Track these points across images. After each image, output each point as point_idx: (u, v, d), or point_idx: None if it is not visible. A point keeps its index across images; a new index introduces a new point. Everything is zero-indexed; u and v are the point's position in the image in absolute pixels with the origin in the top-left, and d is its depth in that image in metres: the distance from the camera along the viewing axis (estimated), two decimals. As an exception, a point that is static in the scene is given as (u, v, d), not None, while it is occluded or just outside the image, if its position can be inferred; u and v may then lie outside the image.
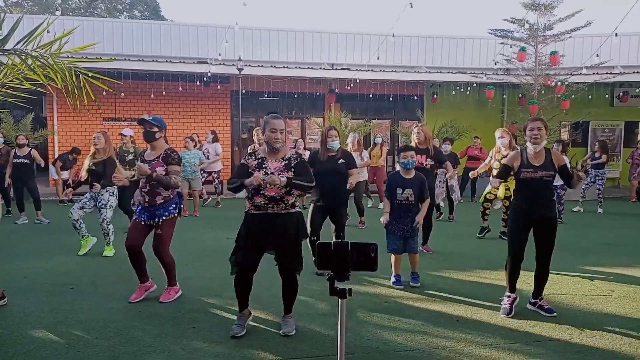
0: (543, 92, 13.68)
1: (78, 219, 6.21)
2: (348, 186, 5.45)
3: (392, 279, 5.11)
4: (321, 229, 5.51)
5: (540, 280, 4.34)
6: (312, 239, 5.39)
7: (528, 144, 4.28)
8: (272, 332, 3.88)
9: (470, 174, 8.32)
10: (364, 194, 10.09)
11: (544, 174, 4.16)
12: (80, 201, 6.27)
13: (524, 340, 3.76)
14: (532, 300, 4.42)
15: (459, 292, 4.90)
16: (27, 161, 8.93)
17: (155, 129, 4.47)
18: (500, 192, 7.24)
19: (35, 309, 4.32)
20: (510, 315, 4.20)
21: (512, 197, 4.47)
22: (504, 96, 16.09)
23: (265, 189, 3.64)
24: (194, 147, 10.11)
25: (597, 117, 15.39)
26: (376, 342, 3.71)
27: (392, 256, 5.06)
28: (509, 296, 4.34)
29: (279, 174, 3.65)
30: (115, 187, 6.24)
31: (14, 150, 9.15)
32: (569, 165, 4.66)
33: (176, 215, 4.56)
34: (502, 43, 14.27)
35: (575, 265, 5.99)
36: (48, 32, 3.50)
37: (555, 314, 4.23)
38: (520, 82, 14.09)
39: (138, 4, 32.45)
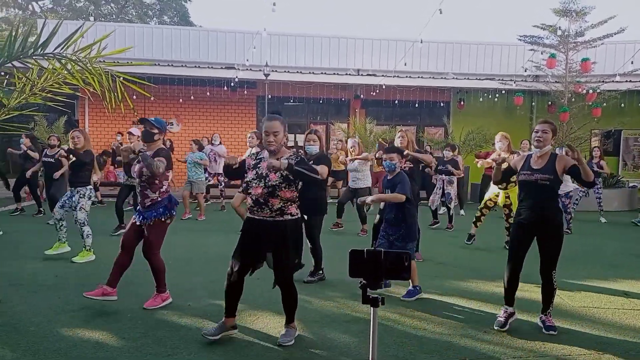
0: (573, 99, 13.43)
1: (60, 219, 6.21)
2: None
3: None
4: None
5: (544, 295, 4.13)
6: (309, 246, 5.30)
7: (532, 146, 4.17)
8: (300, 338, 3.86)
9: (477, 161, 8.19)
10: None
11: (539, 177, 3.97)
12: (60, 199, 6.30)
13: (554, 354, 3.67)
14: (539, 315, 4.22)
15: (485, 302, 4.82)
16: (54, 161, 9.20)
17: (155, 131, 4.48)
18: (500, 199, 7.06)
19: (66, 307, 4.42)
20: (504, 329, 4.02)
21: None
22: (533, 103, 15.85)
23: (252, 189, 3.60)
24: (198, 149, 10.12)
25: (630, 125, 15.03)
26: (402, 351, 3.67)
27: None
28: (505, 310, 4.16)
29: (266, 173, 3.54)
30: (88, 188, 6.19)
31: (45, 150, 9.47)
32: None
33: (165, 220, 4.45)
34: (531, 49, 14.06)
35: (607, 277, 5.83)
36: (82, 37, 3.59)
37: (555, 333, 4.00)
38: (550, 90, 13.86)
39: (168, 9, 33.09)
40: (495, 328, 4.04)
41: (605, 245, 8.01)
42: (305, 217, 5.22)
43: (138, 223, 4.47)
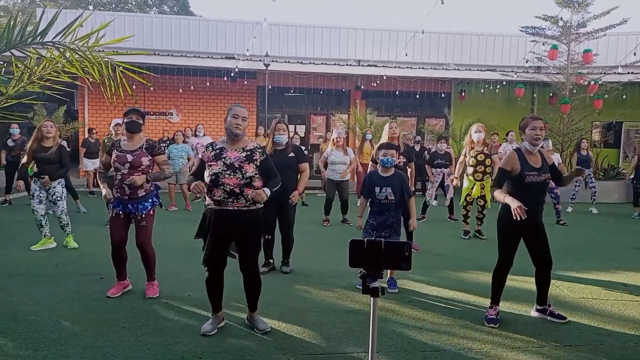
0: (575, 91, 13.38)
1: (44, 214, 6.13)
2: (293, 198, 5.27)
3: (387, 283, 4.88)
4: (275, 226, 5.39)
5: (546, 285, 4.13)
6: (267, 237, 5.18)
7: (525, 143, 3.96)
8: (299, 328, 3.87)
9: (450, 180, 8.30)
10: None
11: (546, 177, 3.93)
12: (34, 197, 6.08)
13: (553, 344, 3.68)
14: (540, 307, 4.21)
15: (484, 294, 4.82)
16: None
17: (142, 121, 4.45)
18: (475, 191, 7.15)
19: (65, 297, 4.43)
20: (497, 326, 3.98)
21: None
22: (534, 95, 15.79)
23: (223, 179, 3.52)
24: (182, 141, 10.09)
25: (631, 117, 14.99)
26: (401, 341, 3.68)
27: None
28: (494, 307, 4.10)
29: (239, 165, 3.55)
30: (62, 179, 6.17)
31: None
32: (557, 163, 4.46)
33: (155, 207, 4.55)
34: (533, 41, 13.99)
35: (606, 269, 5.84)
36: (81, 26, 3.56)
37: (567, 320, 4.09)
38: (551, 81, 13.80)
39: (167, -1, 32.86)
40: (489, 325, 3.98)
41: (605, 237, 8.01)
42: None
43: (122, 215, 4.41)
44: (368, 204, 4.83)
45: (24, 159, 6.15)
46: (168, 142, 12.57)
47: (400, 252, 1.75)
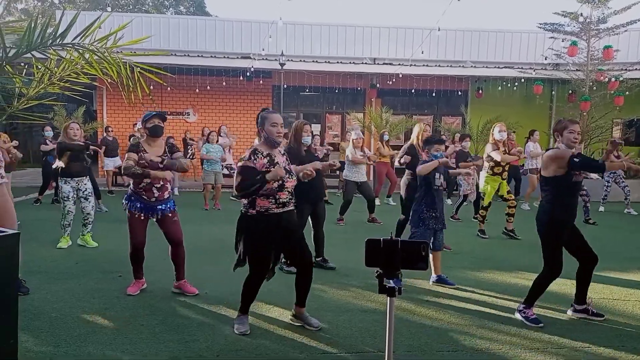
0: (595, 88, 13.15)
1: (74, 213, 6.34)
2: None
3: (434, 278, 5.04)
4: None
5: (588, 284, 4.15)
6: None
7: (562, 145, 4.00)
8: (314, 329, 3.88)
9: (461, 168, 8.24)
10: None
11: (583, 177, 4.09)
12: (69, 198, 6.24)
13: (571, 346, 3.63)
14: (580, 307, 4.19)
15: (503, 294, 4.78)
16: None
17: (163, 125, 4.55)
18: (502, 189, 7.29)
19: (86, 294, 4.50)
20: (542, 325, 3.96)
21: (550, 205, 3.96)
22: (553, 92, 15.54)
23: (286, 182, 3.62)
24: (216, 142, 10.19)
25: (653, 115, 14.67)
26: (417, 341, 3.67)
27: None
28: (531, 308, 4.07)
29: (290, 168, 3.76)
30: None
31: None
32: None
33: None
34: (552, 37, 13.78)
35: (626, 270, 5.74)
36: (100, 28, 3.61)
37: (605, 317, 4.12)
38: (570, 78, 13.58)
39: (184, 0, 33.13)
40: (538, 326, 3.94)
41: (625, 236, 7.87)
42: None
43: (143, 217, 4.46)
44: (423, 196, 4.96)
45: (61, 162, 6.21)
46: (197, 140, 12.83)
47: (417, 251, 1.74)
